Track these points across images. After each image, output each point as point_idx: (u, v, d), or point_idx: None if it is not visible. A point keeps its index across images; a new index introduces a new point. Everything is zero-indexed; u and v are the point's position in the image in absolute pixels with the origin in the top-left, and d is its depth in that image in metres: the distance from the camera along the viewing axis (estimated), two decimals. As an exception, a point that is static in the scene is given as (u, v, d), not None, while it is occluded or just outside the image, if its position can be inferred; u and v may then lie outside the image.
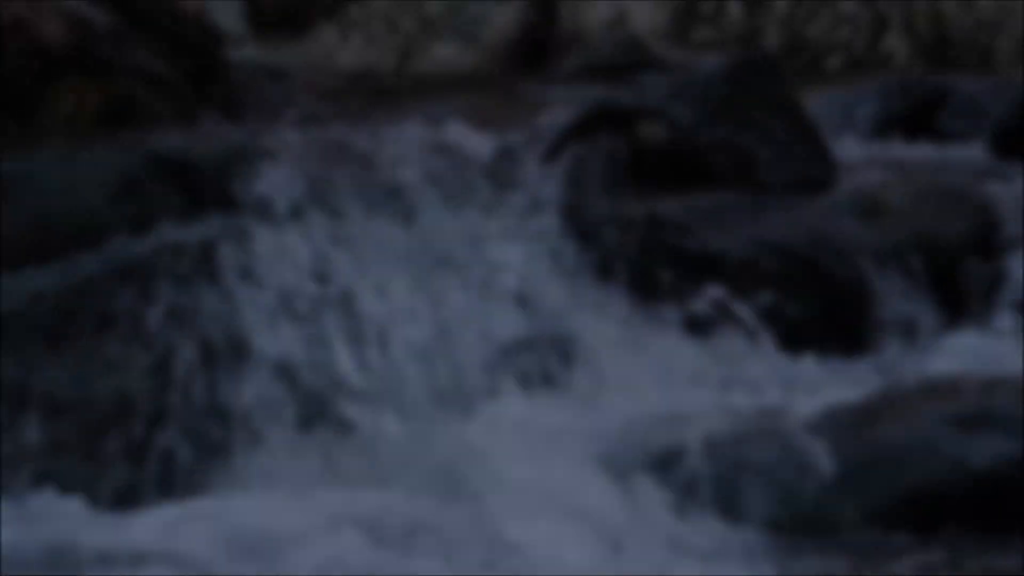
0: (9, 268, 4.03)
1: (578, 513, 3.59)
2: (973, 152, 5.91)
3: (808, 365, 4.36)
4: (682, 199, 4.66)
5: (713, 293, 4.40)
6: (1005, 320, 4.65)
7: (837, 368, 4.33)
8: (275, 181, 4.31)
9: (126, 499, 3.65)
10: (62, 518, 3.53)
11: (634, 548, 3.49)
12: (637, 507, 3.64)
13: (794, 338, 4.42)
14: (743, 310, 4.41)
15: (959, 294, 4.72)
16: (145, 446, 3.75)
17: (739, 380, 4.26)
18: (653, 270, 4.49)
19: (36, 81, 4.83)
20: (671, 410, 4.01)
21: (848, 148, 5.70)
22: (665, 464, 3.75)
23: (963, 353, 4.45)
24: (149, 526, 3.51)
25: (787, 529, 3.64)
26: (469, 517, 3.59)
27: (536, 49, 9.77)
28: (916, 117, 6.44)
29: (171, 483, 3.73)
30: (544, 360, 4.23)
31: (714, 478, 3.71)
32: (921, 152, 5.93)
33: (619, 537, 3.54)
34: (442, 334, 4.15)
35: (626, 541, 3.52)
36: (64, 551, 3.34)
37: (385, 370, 4.00)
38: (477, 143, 5.11)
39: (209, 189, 4.29)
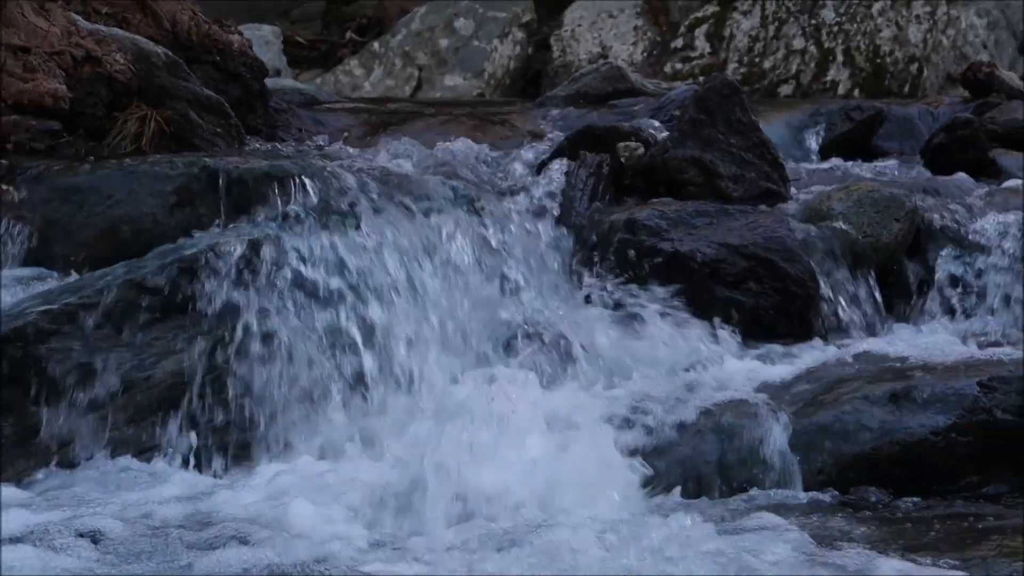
0: (83, 267, 4.07)
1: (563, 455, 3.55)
2: (905, 167, 5.91)
3: (764, 349, 4.39)
4: (656, 207, 4.67)
5: (684, 287, 4.45)
6: (932, 311, 4.67)
7: (789, 352, 4.36)
8: (307, 192, 4.30)
9: (185, 462, 3.70)
10: (134, 478, 3.59)
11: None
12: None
13: (752, 326, 4.47)
14: (709, 302, 4.45)
15: (894, 288, 4.78)
16: (199, 418, 3.77)
17: (705, 360, 4.27)
18: (631, 268, 4.50)
19: (105, 107, 4.85)
20: (646, 386, 4.04)
21: (799, 164, 5.71)
22: (638, 427, 3.78)
23: (896, 339, 4.51)
24: (205, 483, 3.59)
25: (747, 488, 3.67)
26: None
27: (532, 78, 9.76)
28: (856, 137, 6.47)
29: (223, 449, 3.76)
30: (538, 342, 4.22)
31: (682, 444, 3.74)
32: (860, 167, 5.92)
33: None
34: (450, 321, 4.18)
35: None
36: (137, 504, 3.39)
37: (396, 352, 4.01)
38: (481, 158, 5.14)
39: (252, 199, 4.29)
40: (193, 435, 3.73)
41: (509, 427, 3.56)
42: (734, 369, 4.22)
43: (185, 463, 3.68)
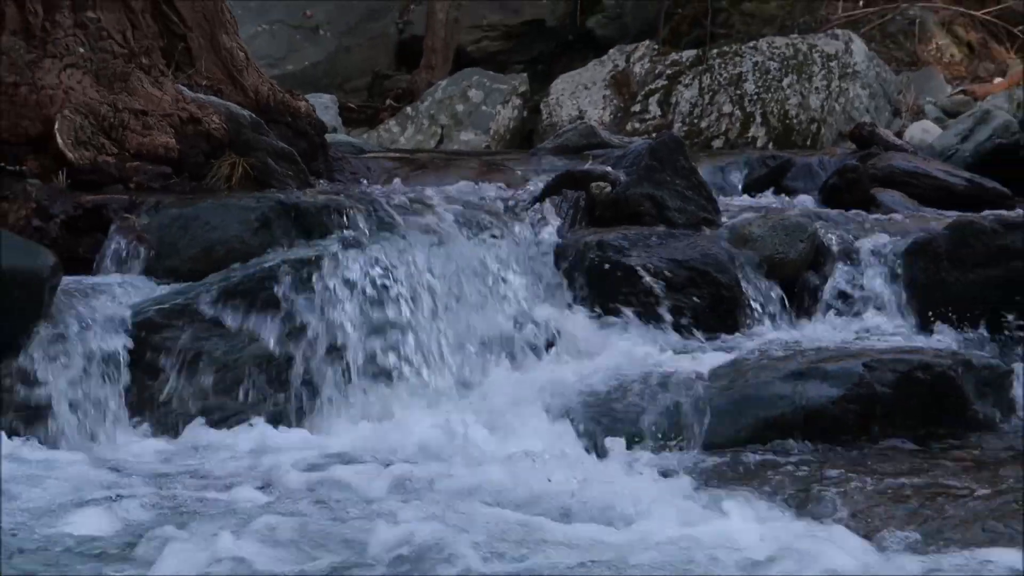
0: (186, 277, 4.07)
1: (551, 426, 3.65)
2: (807, 202, 5.92)
3: (700, 339, 4.37)
4: (620, 231, 4.66)
5: (640, 291, 4.43)
6: (826, 311, 4.68)
7: (720, 341, 4.36)
8: (357, 220, 4.31)
9: (270, 422, 3.70)
10: (228, 436, 3.60)
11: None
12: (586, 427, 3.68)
13: (691, 321, 4.45)
14: (659, 303, 4.43)
15: (798, 293, 4.74)
16: (277, 391, 3.77)
17: (656, 348, 4.25)
18: (601, 279, 4.47)
19: (204, 156, 4.87)
20: (613, 368, 4.02)
21: (726, 199, 5.71)
22: (607, 401, 3.80)
23: (799, 332, 4.52)
24: (284, 439, 3.60)
25: (686, 446, 3.65)
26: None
27: (526, 134, 9.76)
28: (770, 179, 6.48)
29: (300, 413, 3.77)
30: (531, 335, 4.21)
31: (636, 406, 3.74)
32: (773, 201, 5.93)
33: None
34: (465, 318, 4.17)
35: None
36: (233, 458, 3.43)
37: (427, 341, 4.00)
38: (488, 194, 5.14)
39: (315, 225, 4.29)
40: (271, 402, 3.73)
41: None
42: (678, 353, 4.20)
43: (268, 422, 3.67)
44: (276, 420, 3.70)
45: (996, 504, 3.06)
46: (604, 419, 3.71)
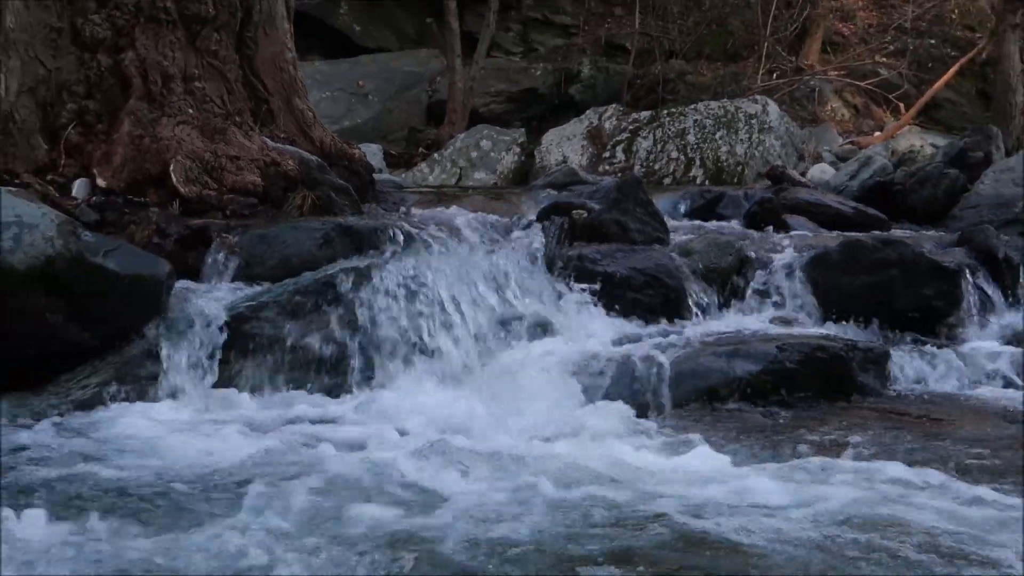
0: (268, 281, 4.05)
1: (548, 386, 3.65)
2: (734, 225, 5.92)
3: (655, 327, 4.34)
4: (595, 247, 4.64)
5: (611, 292, 4.42)
6: (749, 307, 4.67)
7: (669, 329, 4.32)
8: (397, 238, 4.30)
9: (331, 393, 3.66)
10: (300, 403, 3.56)
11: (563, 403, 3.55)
12: (570, 385, 3.68)
13: (648, 314, 4.42)
14: (623, 299, 4.42)
15: (727, 293, 4.72)
16: (337, 367, 3.73)
17: (623, 334, 4.23)
18: (580, 281, 4.45)
19: (282, 191, 4.88)
20: (591, 347, 4.01)
21: (675, 223, 5.71)
22: (585, 368, 3.78)
23: (730, 321, 4.51)
24: (343, 405, 3.56)
25: (644, 408, 3.62)
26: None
27: (524, 174, 9.78)
28: (707, 208, 6.46)
29: (360, 383, 3.72)
30: (528, 325, 4.20)
31: (611, 375, 3.73)
32: (709, 225, 5.93)
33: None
34: (476, 310, 4.13)
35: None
36: (302, 419, 3.38)
37: (452, 328, 3.97)
38: (495, 218, 5.12)
39: (365, 242, 4.26)
40: (331, 376, 3.69)
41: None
42: (641, 337, 4.18)
43: (326, 393, 3.64)
44: (333, 388, 3.66)
45: (866, 437, 3.18)
46: (585, 380, 3.69)
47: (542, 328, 4.14)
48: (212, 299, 3.79)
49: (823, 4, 12.77)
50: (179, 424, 3.18)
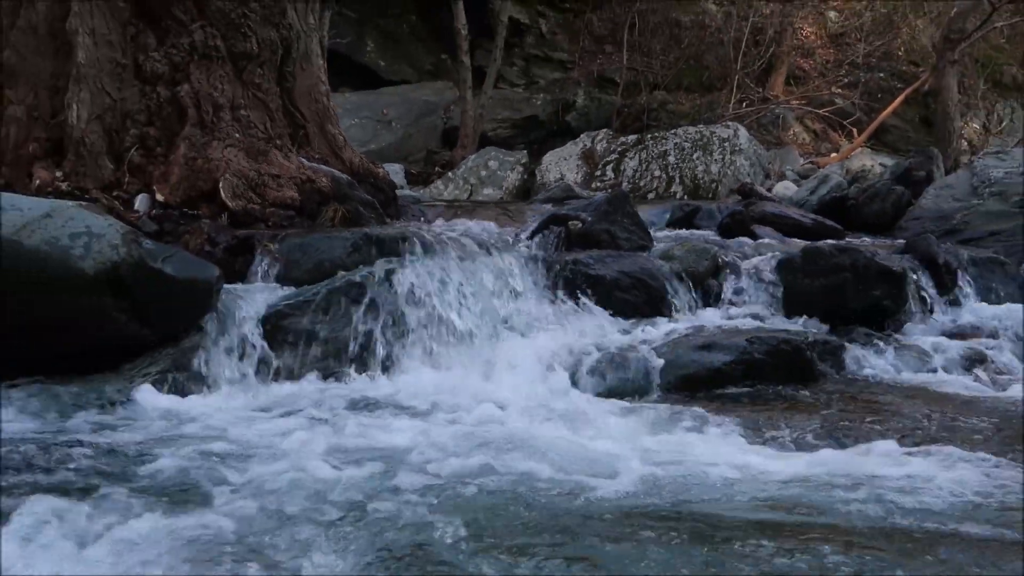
0: (305, 284, 4.03)
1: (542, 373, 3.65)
2: (710, 234, 5.90)
3: (642, 324, 4.33)
4: (588, 253, 4.64)
5: (601, 293, 4.41)
6: (724, 306, 4.66)
7: (653, 325, 4.31)
8: (416, 245, 4.27)
9: (355, 373, 3.63)
10: (328, 387, 3.55)
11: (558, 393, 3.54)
12: (561, 377, 3.67)
13: (633, 312, 4.42)
14: (613, 300, 4.41)
15: (705, 294, 4.71)
16: (362, 355, 3.71)
17: (611, 330, 4.23)
18: (575, 283, 4.45)
19: (316, 205, 4.86)
20: (583, 341, 4.01)
21: (657, 232, 5.70)
22: (578, 362, 3.78)
23: (705, 319, 4.49)
24: (368, 385, 3.56)
25: (633, 394, 3.62)
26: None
27: (526, 190, 9.77)
28: (686, 219, 6.46)
29: (383, 366, 3.70)
30: (526, 320, 4.19)
31: (602, 366, 3.73)
32: (688, 234, 5.92)
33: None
34: (483, 307, 4.12)
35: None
36: (326, 399, 3.38)
37: (462, 320, 3.96)
38: (501, 229, 5.11)
39: (389, 249, 4.22)
40: (357, 364, 3.67)
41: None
42: (628, 332, 4.19)
43: (357, 373, 3.62)
44: (362, 373, 3.64)
45: (823, 415, 3.21)
46: (579, 367, 3.69)
47: (541, 323, 4.14)
48: (256, 300, 3.79)
49: (787, 43, 12.80)
50: (234, 410, 3.16)
